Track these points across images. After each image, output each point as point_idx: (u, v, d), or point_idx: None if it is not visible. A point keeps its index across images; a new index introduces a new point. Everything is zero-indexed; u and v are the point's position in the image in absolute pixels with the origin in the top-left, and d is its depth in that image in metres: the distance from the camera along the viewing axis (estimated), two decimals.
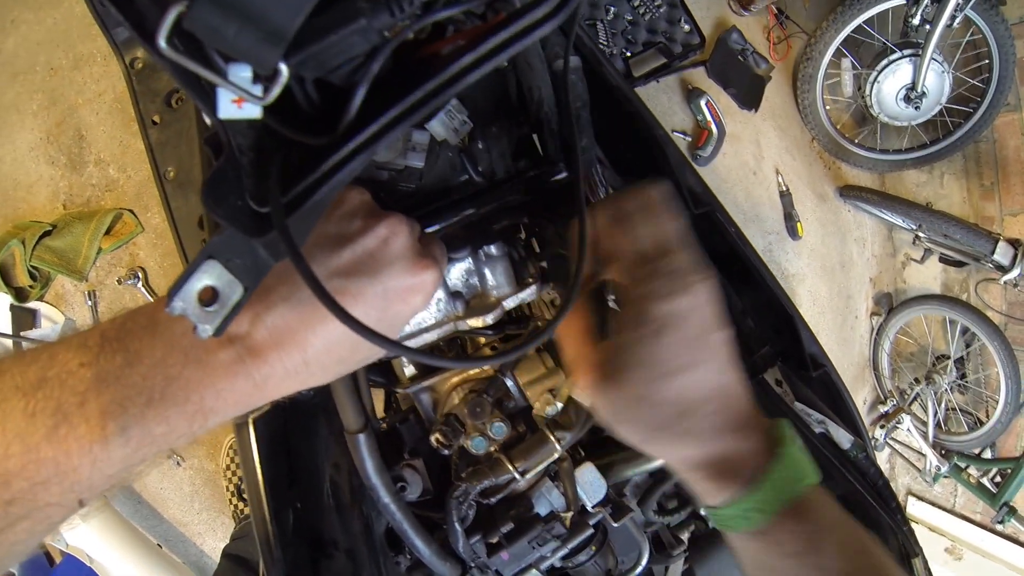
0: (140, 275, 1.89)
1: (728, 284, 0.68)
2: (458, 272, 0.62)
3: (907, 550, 0.74)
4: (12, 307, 1.89)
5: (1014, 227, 2.67)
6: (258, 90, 0.29)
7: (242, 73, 0.29)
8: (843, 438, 0.74)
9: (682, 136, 2.39)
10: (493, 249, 0.63)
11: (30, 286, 1.88)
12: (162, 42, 0.27)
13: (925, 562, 0.76)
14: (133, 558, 1.78)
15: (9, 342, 1.85)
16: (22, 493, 0.33)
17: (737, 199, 2.50)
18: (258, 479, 0.63)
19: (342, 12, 0.27)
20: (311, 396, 0.70)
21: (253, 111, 0.31)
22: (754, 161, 2.56)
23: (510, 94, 0.63)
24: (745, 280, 0.68)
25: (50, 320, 1.92)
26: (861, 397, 3.16)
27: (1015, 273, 2.32)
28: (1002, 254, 2.33)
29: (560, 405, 0.68)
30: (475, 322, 0.61)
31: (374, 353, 0.44)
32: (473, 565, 0.73)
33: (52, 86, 1.89)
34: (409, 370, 0.73)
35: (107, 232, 1.87)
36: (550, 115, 0.60)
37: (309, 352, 0.38)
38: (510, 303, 0.62)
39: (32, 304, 1.91)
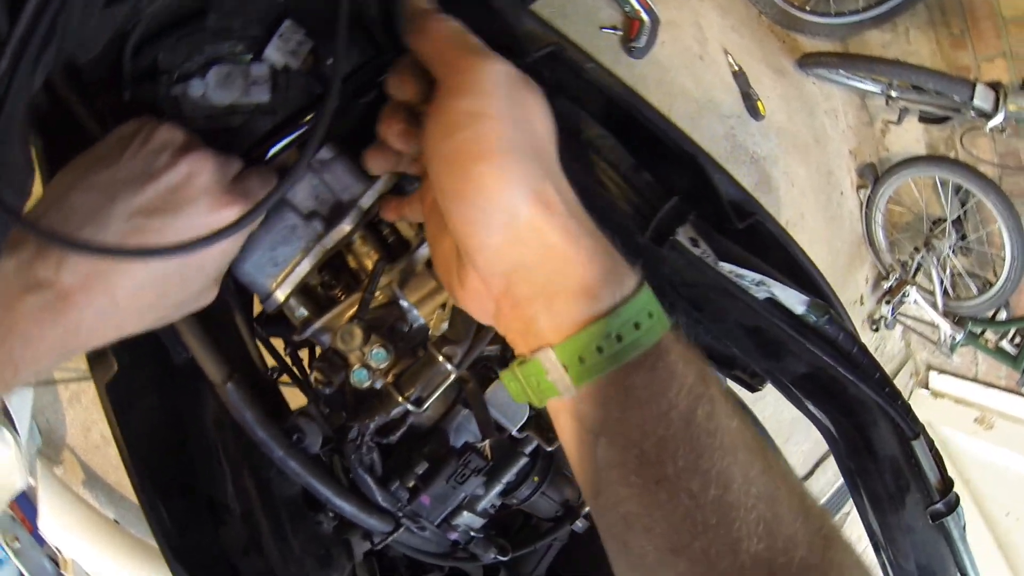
0: None
1: (611, 136, 0.57)
2: (304, 191, 0.58)
3: (903, 430, 0.64)
4: None
5: (992, 72, 2.49)
6: None
7: None
8: (794, 300, 0.63)
9: (612, 31, 2.26)
10: (324, 153, 0.57)
11: None
12: None
13: (930, 442, 0.65)
14: (90, 538, 1.70)
15: None
16: None
17: (685, 87, 2.38)
18: (122, 445, 0.60)
19: None
20: (187, 357, 0.63)
21: None
22: (698, 45, 2.44)
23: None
24: (630, 127, 0.58)
25: None
26: (862, 276, 3.10)
27: (1000, 118, 2.15)
28: (982, 98, 2.16)
29: None
30: (336, 234, 0.57)
31: (188, 298, 0.45)
32: (402, 515, 0.65)
33: None
34: (300, 312, 0.66)
35: None
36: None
37: (118, 294, 0.39)
38: (366, 200, 0.57)
39: None
